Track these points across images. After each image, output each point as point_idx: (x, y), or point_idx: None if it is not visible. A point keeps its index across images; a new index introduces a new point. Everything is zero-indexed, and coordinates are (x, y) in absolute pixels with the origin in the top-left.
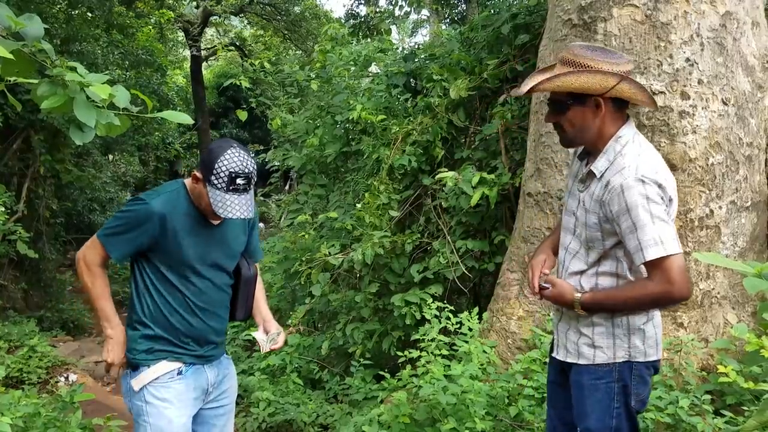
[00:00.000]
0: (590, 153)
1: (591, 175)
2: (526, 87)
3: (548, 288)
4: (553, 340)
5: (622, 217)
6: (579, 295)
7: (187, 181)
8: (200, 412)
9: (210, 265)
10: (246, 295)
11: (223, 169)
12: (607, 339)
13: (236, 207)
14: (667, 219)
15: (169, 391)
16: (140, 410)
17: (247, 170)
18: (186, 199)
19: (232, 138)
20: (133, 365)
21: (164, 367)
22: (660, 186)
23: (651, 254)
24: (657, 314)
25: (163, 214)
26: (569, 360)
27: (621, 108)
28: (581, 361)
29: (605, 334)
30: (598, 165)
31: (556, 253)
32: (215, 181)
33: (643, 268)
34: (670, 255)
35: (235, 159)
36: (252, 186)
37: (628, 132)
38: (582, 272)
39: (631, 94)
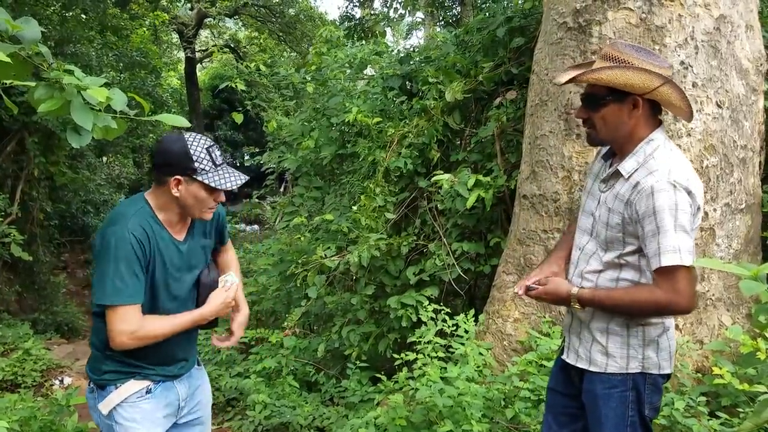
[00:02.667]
0: (615, 154)
1: (617, 175)
2: (565, 77)
3: (537, 288)
4: (562, 343)
5: (647, 219)
6: (576, 289)
7: (157, 193)
8: (175, 427)
9: (178, 283)
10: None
11: (199, 150)
12: (621, 349)
13: (232, 176)
14: (690, 231)
15: (137, 411)
16: (110, 430)
17: (212, 142)
18: (153, 218)
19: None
20: (99, 386)
21: (132, 386)
22: (690, 193)
23: (666, 261)
24: (672, 327)
25: (146, 239)
26: (580, 365)
27: (655, 113)
28: (592, 368)
29: (620, 343)
30: (626, 166)
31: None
32: (201, 166)
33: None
34: (685, 266)
35: (199, 139)
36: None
37: (660, 137)
38: (599, 272)
39: (672, 99)
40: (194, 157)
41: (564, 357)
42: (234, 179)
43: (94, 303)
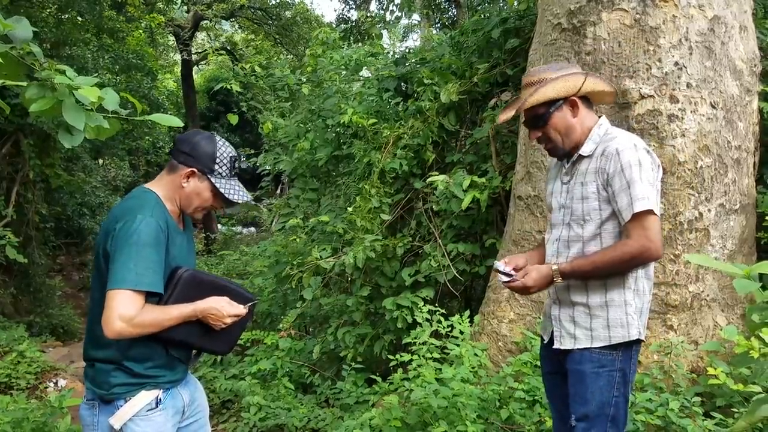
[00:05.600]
0: (571, 154)
1: (578, 159)
2: (507, 114)
3: (517, 279)
4: (552, 332)
5: (616, 177)
6: (555, 266)
7: (165, 182)
8: None
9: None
10: None
11: (225, 155)
12: (621, 318)
13: (241, 190)
14: (653, 185)
15: (149, 425)
16: None
17: (236, 154)
18: (165, 209)
19: None
20: (106, 400)
21: (143, 398)
22: (648, 152)
23: (639, 206)
24: (650, 301)
25: (167, 227)
26: (578, 346)
27: (590, 107)
28: (595, 344)
29: (621, 312)
30: (586, 148)
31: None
32: (220, 170)
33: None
34: (654, 213)
35: (227, 145)
36: None
37: (606, 121)
38: (582, 255)
39: (598, 86)
40: (217, 160)
41: (557, 345)
42: (241, 194)
43: (110, 289)
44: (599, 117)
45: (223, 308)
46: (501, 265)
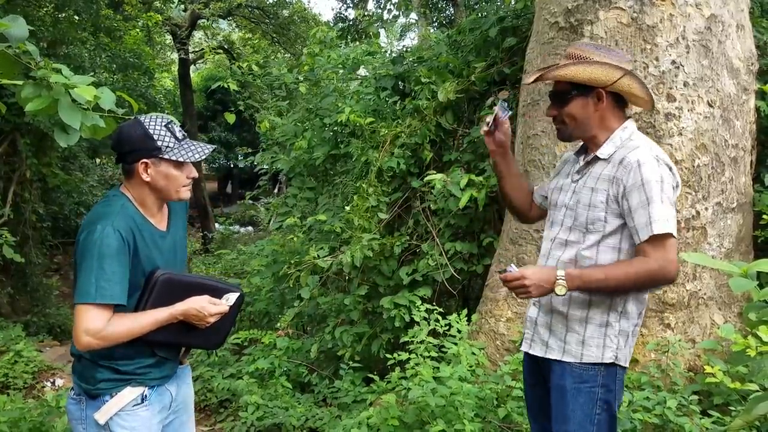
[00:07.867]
0: (588, 148)
1: (594, 161)
2: (533, 77)
3: (515, 274)
4: (524, 336)
5: (635, 192)
6: (562, 271)
7: (131, 186)
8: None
9: None
10: None
11: (159, 129)
12: (598, 338)
13: (198, 147)
14: (673, 204)
15: (135, 419)
16: None
17: (170, 119)
18: (138, 213)
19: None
20: (92, 395)
21: (129, 394)
22: (670, 168)
23: (658, 229)
24: (639, 326)
25: (132, 237)
26: (550, 356)
27: (620, 106)
28: (566, 359)
29: (598, 332)
30: (604, 150)
31: None
32: (165, 144)
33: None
34: (673, 236)
35: (155, 118)
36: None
37: (633, 126)
38: (574, 261)
39: (633, 89)
40: (156, 137)
41: (527, 350)
42: (201, 150)
43: (75, 303)
44: (628, 119)
45: (203, 308)
46: (513, 267)
